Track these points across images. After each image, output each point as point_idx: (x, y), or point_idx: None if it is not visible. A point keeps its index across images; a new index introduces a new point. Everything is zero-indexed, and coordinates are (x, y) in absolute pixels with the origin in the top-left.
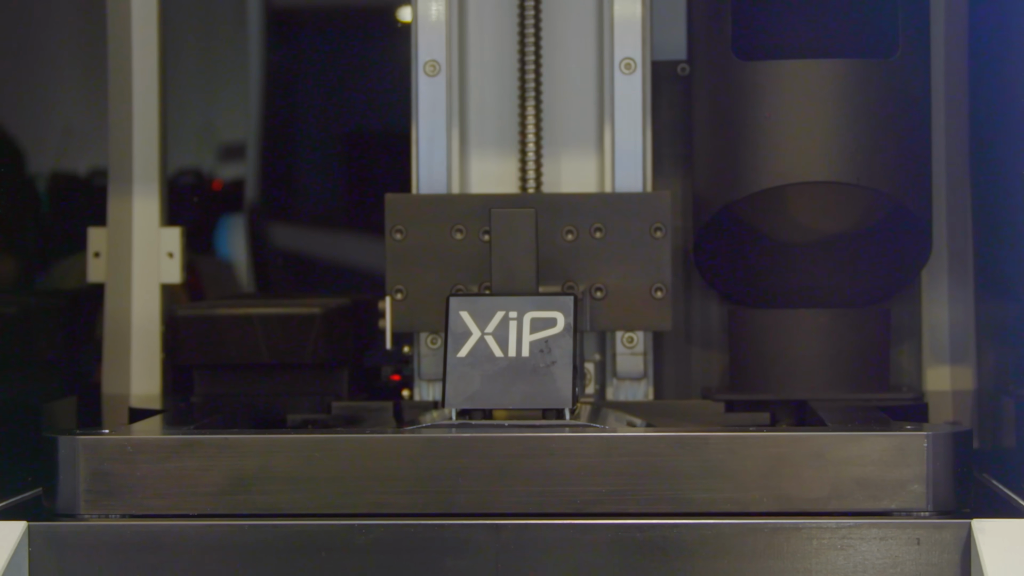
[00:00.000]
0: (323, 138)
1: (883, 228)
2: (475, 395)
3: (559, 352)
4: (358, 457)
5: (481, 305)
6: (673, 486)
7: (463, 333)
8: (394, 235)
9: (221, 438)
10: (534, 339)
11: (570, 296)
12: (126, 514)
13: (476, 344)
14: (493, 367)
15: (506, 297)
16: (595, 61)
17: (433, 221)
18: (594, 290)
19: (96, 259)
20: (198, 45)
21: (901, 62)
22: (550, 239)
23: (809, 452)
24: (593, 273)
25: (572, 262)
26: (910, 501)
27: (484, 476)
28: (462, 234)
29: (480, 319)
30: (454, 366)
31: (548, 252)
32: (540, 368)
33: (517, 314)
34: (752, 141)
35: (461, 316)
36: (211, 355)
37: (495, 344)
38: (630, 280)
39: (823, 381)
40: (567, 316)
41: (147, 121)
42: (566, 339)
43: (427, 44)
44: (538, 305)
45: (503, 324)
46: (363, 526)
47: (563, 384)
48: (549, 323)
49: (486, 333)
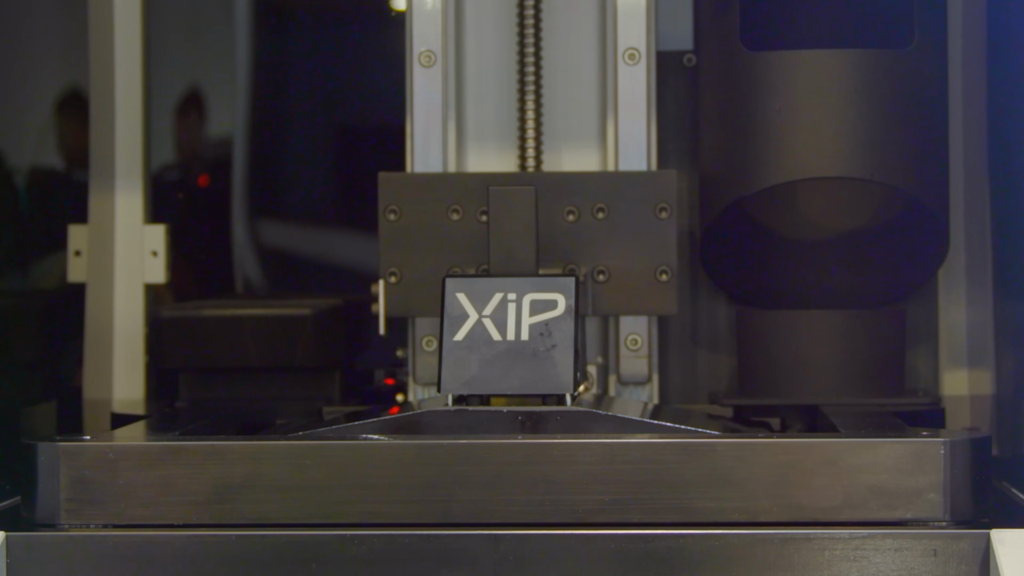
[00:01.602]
0: (313, 132)
1: (898, 225)
2: (472, 380)
3: (560, 335)
4: (350, 464)
5: (479, 286)
6: (679, 494)
7: (460, 316)
8: (388, 215)
9: (207, 445)
10: (534, 322)
11: (571, 277)
12: (108, 524)
13: (473, 327)
14: (491, 351)
15: (504, 278)
16: (598, 51)
17: (428, 201)
18: (596, 273)
19: (77, 258)
20: (183, 35)
21: (917, 52)
22: (550, 220)
23: (821, 459)
24: (595, 255)
25: (573, 244)
26: (926, 510)
27: (482, 484)
28: (459, 215)
29: (477, 301)
30: (450, 350)
31: (548, 233)
32: (540, 352)
33: (516, 296)
34: (761, 135)
35: (458, 298)
36: (197, 358)
37: (493, 327)
38: (634, 262)
39: (835, 385)
40: (568, 298)
41: (130, 114)
42: (567, 322)
43: (422, 33)
44: (538, 286)
45: (501, 306)
46: (356, 536)
47: (564, 369)
48: (549, 305)
49: (484, 316)
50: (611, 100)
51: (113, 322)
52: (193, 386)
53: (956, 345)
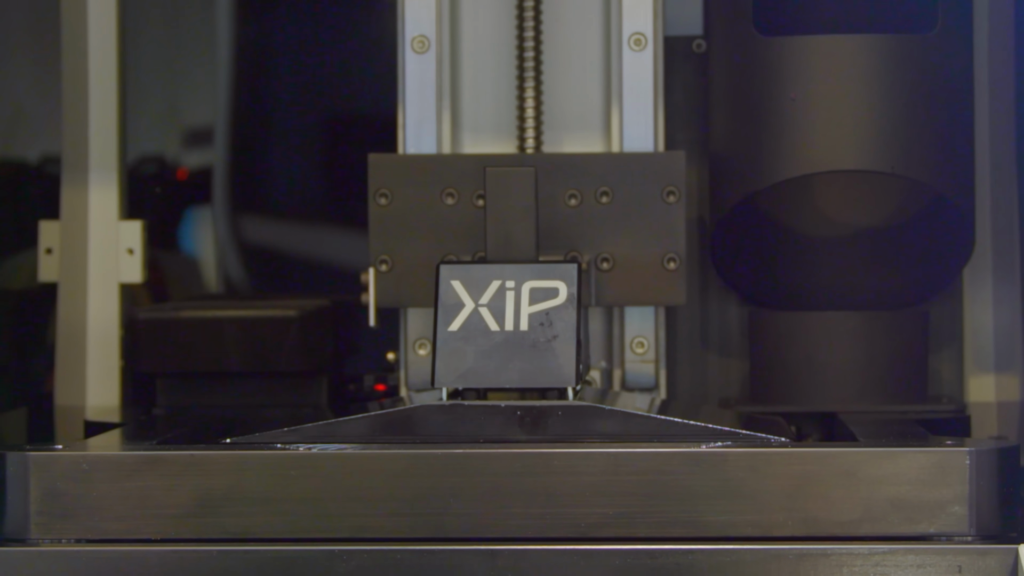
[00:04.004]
0: (299, 123)
1: (921, 222)
2: (468, 373)
3: (561, 325)
4: (339, 475)
5: (475, 273)
6: (688, 507)
7: (455, 304)
8: (378, 200)
9: (187, 455)
10: (533, 311)
11: (573, 263)
12: (81, 539)
13: (469, 316)
14: (488, 342)
15: (502, 265)
16: (601, 37)
17: (421, 184)
18: (600, 261)
19: (48, 256)
20: (161, 19)
21: (940, 37)
22: (551, 204)
23: (838, 470)
24: (599, 242)
25: (575, 230)
26: (951, 524)
27: (478, 496)
28: (453, 198)
29: (474, 289)
30: (445, 341)
31: (549, 219)
32: (540, 343)
33: (514, 283)
34: (776, 125)
35: (452, 286)
36: (176, 362)
37: (490, 316)
38: (640, 250)
39: (854, 391)
40: (570, 285)
41: (105, 105)
42: (569, 311)
43: (415, 17)
44: (538, 274)
45: (499, 294)
46: (345, 552)
47: (565, 361)
48: (550, 293)
49: (480, 304)
50: (616, 88)
51: (87, 324)
52: (171, 392)
53: (982, 348)
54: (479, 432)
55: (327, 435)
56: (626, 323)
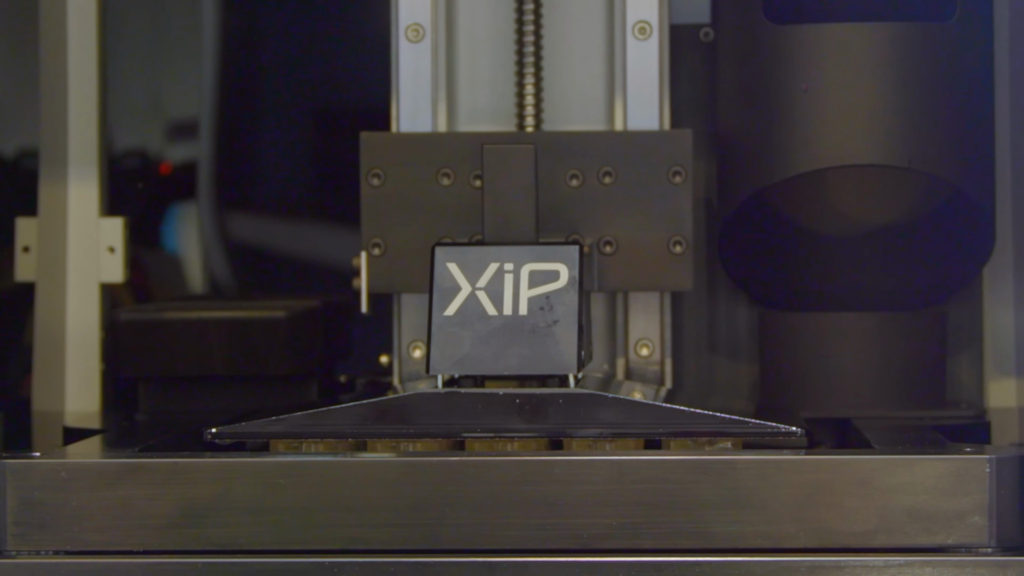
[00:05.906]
0: (288, 115)
1: (938, 219)
2: (464, 359)
3: (562, 310)
4: (330, 484)
5: (472, 256)
6: (694, 517)
7: (451, 288)
8: (371, 180)
9: (170, 462)
10: (533, 295)
11: (575, 245)
12: (60, 550)
13: (466, 300)
14: (485, 327)
15: (501, 247)
16: (604, 25)
17: (416, 164)
18: (603, 244)
19: (25, 254)
20: (144, 7)
21: (959, 26)
22: (552, 185)
23: (853, 478)
24: (602, 225)
25: (577, 212)
26: (970, 535)
27: (476, 506)
28: (449, 179)
29: (470, 272)
30: (440, 326)
31: (549, 200)
32: (540, 328)
33: (513, 266)
34: (787, 118)
35: (448, 268)
36: (158, 366)
37: (488, 300)
38: (644, 233)
39: (868, 396)
40: (571, 268)
41: (84, 96)
42: (570, 295)
43: (409, 5)
44: (537, 256)
45: (497, 277)
46: (336, 564)
47: (567, 347)
48: (550, 276)
49: (477, 288)
50: (619, 79)
51: (65, 325)
52: (154, 397)
53: (1002, 351)
54: (476, 422)
55: (316, 424)
56: (630, 326)
